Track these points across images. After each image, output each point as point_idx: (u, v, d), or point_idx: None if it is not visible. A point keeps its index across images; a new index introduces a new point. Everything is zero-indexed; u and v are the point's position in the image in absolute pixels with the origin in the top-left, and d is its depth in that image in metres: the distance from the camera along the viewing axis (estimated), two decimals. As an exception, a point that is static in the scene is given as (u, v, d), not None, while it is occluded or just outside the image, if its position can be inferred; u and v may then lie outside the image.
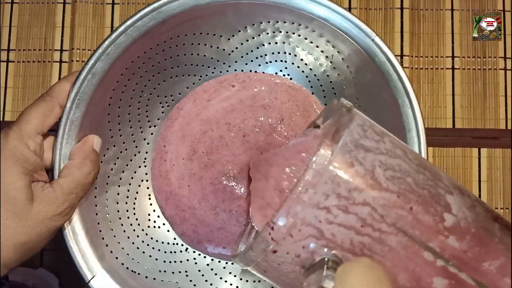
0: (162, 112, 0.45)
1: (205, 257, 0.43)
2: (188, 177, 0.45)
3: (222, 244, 0.44)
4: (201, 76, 0.45)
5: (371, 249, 0.25)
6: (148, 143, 0.44)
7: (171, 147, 0.45)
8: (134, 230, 0.42)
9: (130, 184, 0.43)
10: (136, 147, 0.44)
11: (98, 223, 0.38)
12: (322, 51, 0.42)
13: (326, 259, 0.25)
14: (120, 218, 0.41)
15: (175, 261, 0.42)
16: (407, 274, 0.25)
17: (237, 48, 0.44)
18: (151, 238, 0.42)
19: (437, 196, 0.26)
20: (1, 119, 0.50)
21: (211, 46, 0.43)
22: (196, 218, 0.44)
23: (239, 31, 0.42)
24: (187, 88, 0.45)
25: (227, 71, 0.45)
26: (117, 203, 0.41)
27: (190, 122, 0.46)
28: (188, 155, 0.45)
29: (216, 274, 0.42)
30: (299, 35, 0.41)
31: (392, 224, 0.25)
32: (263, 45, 0.43)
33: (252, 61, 0.45)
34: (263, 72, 0.45)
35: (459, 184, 0.28)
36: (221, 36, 0.42)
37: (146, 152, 0.44)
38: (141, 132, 0.44)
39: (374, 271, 0.24)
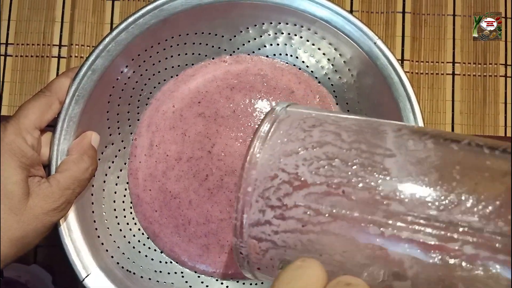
0: (161, 111, 0.44)
1: (201, 257, 0.43)
2: (148, 178, 0.42)
3: (213, 267, 0.42)
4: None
5: (320, 243, 0.26)
6: (146, 142, 0.44)
7: (140, 140, 0.43)
8: (130, 229, 0.41)
9: (127, 183, 0.42)
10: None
11: (94, 221, 0.38)
12: (324, 54, 0.42)
13: (279, 264, 0.27)
14: (116, 217, 0.41)
15: (171, 262, 0.42)
16: (362, 254, 0.25)
17: (238, 48, 0.43)
18: (147, 238, 0.42)
19: (372, 165, 0.25)
20: (-2, 114, 0.50)
21: (212, 46, 0.43)
22: (167, 238, 0.42)
23: (241, 31, 0.42)
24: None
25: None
26: (114, 201, 0.41)
27: (159, 106, 0.43)
28: (148, 149, 0.42)
29: (212, 276, 0.42)
30: (301, 37, 0.41)
31: (329, 213, 0.25)
32: (265, 46, 0.43)
33: (253, 61, 0.44)
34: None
35: (418, 135, 0.26)
36: (222, 36, 0.42)
37: (144, 151, 0.44)
38: (140, 130, 0.43)
39: (297, 271, 0.23)
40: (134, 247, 0.41)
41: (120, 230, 0.40)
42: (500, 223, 0.23)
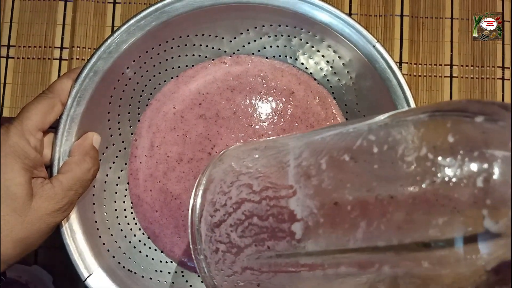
0: (162, 112, 0.45)
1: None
2: (149, 179, 0.42)
3: None
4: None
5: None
6: (147, 143, 0.44)
7: (140, 141, 0.43)
8: (131, 229, 0.42)
9: (128, 183, 0.43)
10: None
11: (96, 221, 0.38)
12: (323, 56, 0.42)
13: None
14: (117, 217, 0.41)
15: (171, 261, 0.42)
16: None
17: (238, 50, 0.44)
18: (148, 238, 0.42)
19: (281, 213, 0.25)
20: (-1, 115, 0.50)
21: (213, 48, 0.43)
22: (167, 238, 0.42)
23: (241, 33, 0.42)
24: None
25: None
26: (115, 201, 0.41)
27: (160, 107, 0.43)
28: (149, 149, 0.43)
29: (211, 275, 0.42)
30: (301, 39, 0.42)
31: (268, 269, 0.26)
32: (265, 48, 0.44)
33: (253, 63, 0.45)
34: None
35: (314, 157, 0.26)
36: (223, 38, 0.42)
37: (145, 152, 0.44)
38: (140, 131, 0.44)
39: None
40: (135, 247, 0.41)
41: (121, 230, 0.41)
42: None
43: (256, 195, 0.27)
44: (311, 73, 0.44)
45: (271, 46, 0.43)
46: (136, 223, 0.42)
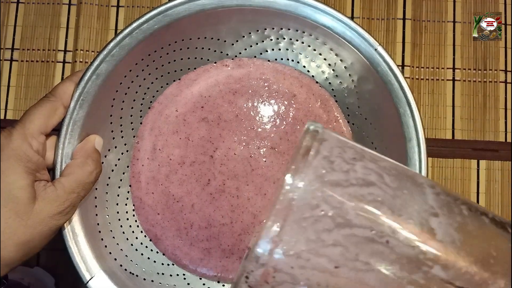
0: (164, 115, 0.45)
1: (203, 260, 0.43)
2: (151, 182, 0.43)
3: (214, 271, 0.42)
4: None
5: None
6: (149, 146, 0.44)
7: (142, 143, 0.43)
8: (133, 231, 0.42)
9: (130, 186, 0.43)
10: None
11: (98, 224, 0.38)
12: (325, 59, 0.42)
13: None
14: (119, 220, 0.41)
15: (173, 264, 0.42)
16: None
17: (240, 53, 0.44)
18: (150, 240, 0.42)
19: (420, 222, 0.24)
20: (3, 118, 0.50)
21: (215, 51, 0.43)
22: (169, 241, 0.42)
23: (243, 36, 0.42)
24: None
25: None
26: (117, 204, 0.41)
27: (162, 110, 0.43)
28: (151, 152, 0.43)
29: (212, 280, 0.42)
30: (303, 42, 0.42)
31: (368, 261, 0.23)
32: (266, 51, 0.44)
33: (255, 66, 0.45)
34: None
35: (452, 197, 0.25)
36: (225, 41, 0.43)
37: (147, 155, 0.44)
38: (143, 134, 0.44)
39: None
40: (136, 250, 0.41)
41: (123, 232, 0.41)
42: None
43: (390, 189, 0.24)
44: (313, 76, 0.44)
45: (273, 49, 0.44)
46: (138, 226, 0.42)
